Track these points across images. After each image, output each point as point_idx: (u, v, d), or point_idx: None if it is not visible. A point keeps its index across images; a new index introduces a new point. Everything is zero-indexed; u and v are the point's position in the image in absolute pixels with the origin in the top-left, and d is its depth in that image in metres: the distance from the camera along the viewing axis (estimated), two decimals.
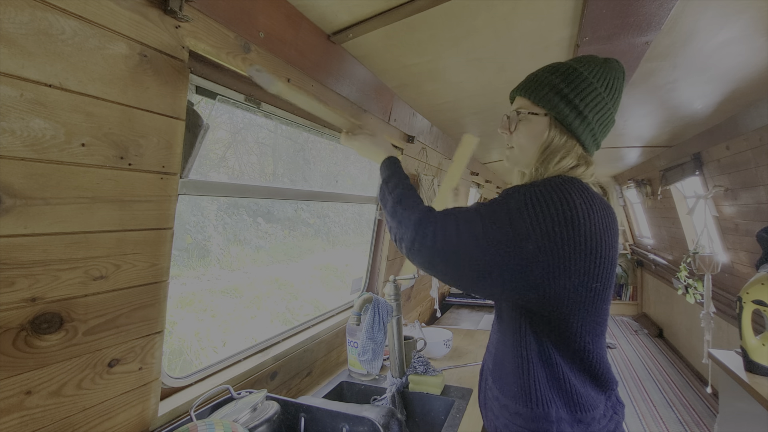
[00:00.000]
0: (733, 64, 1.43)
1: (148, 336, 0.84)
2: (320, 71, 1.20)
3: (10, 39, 0.55)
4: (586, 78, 0.76)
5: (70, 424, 0.72)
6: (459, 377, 1.62)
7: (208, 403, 1.04)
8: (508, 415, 0.79)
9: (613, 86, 0.78)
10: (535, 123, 0.80)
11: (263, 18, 0.95)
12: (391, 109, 1.70)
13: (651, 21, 1.06)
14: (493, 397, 0.84)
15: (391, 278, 1.61)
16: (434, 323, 2.81)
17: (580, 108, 0.76)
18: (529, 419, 0.74)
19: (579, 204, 0.66)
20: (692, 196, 3.16)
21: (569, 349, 0.74)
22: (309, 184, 5.49)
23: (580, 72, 0.77)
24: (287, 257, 5.31)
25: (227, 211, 4.66)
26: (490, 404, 0.86)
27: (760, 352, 1.66)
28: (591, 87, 0.76)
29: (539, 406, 0.73)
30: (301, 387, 1.49)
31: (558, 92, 0.77)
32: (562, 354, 0.74)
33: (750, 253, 2.56)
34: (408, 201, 0.82)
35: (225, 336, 3.86)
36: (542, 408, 0.73)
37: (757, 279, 1.69)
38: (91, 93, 0.65)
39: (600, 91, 0.76)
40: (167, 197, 0.82)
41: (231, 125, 4.93)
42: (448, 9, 1.03)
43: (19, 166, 0.58)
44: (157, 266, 0.83)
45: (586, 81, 0.76)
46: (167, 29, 0.75)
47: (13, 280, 0.60)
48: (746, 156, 2.25)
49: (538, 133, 0.80)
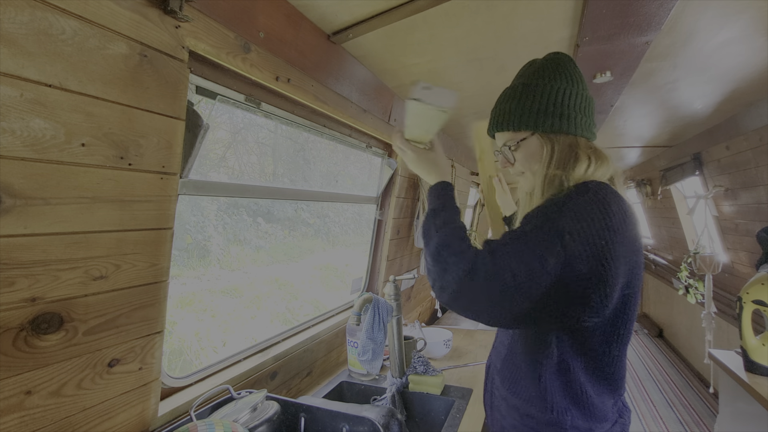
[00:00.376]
0: (733, 64, 1.43)
1: (148, 336, 0.84)
2: (320, 71, 1.20)
3: (10, 39, 0.55)
4: (538, 84, 0.78)
5: (70, 424, 0.72)
6: (459, 377, 1.62)
7: (208, 403, 1.04)
8: (518, 417, 0.78)
9: (566, 74, 0.79)
10: (528, 145, 0.80)
11: (263, 18, 0.95)
12: (391, 109, 1.70)
13: (651, 21, 1.06)
14: (501, 397, 0.84)
15: (391, 278, 1.61)
16: (434, 323, 2.81)
17: (556, 111, 0.77)
18: (543, 423, 0.74)
19: (618, 214, 0.65)
20: (692, 196, 3.17)
21: (594, 357, 0.72)
22: (309, 184, 5.49)
23: (531, 84, 0.79)
24: (287, 257, 5.31)
25: (227, 211, 4.66)
26: (497, 404, 0.85)
27: (760, 352, 1.66)
28: (549, 88, 0.77)
29: (553, 413, 0.73)
30: (301, 387, 1.49)
31: (528, 111, 0.78)
32: (584, 363, 0.73)
33: (750, 253, 2.56)
34: (456, 245, 0.70)
35: (225, 336, 3.86)
36: (556, 414, 0.73)
37: (757, 279, 1.69)
38: (91, 93, 0.65)
39: (559, 85, 0.78)
40: (167, 197, 0.82)
41: (231, 125, 4.93)
42: (448, 9, 1.03)
43: (19, 166, 0.58)
44: (157, 266, 0.83)
45: (541, 86, 0.78)
46: (167, 29, 0.75)
47: (13, 280, 0.60)
48: (746, 156, 2.25)
49: (537, 151, 0.80)
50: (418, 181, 2.22)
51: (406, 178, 2.09)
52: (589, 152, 0.76)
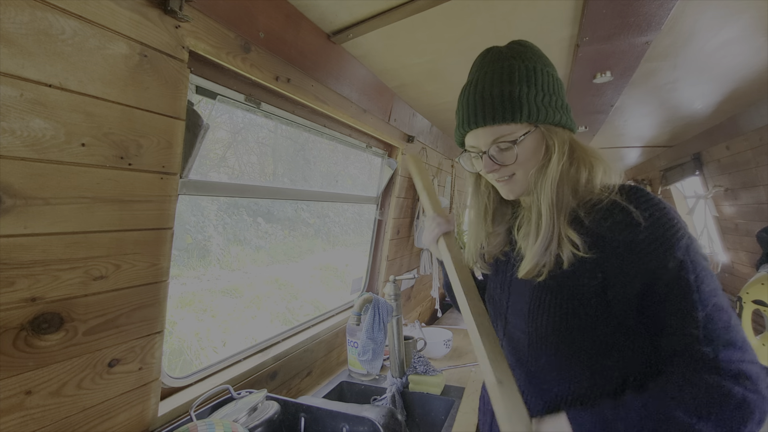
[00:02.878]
0: (733, 64, 1.43)
1: (148, 336, 0.84)
2: (320, 71, 1.20)
3: (10, 39, 0.55)
4: (536, 68, 0.68)
5: (70, 424, 0.72)
6: (459, 377, 1.62)
7: (208, 403, 1.04)
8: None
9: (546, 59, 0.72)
10: (529, 141, 0.68)
11: (263, 18, 0.95)
12: (391, 109, 1.69)
13: (651, 21, 1.06)
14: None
15: (391, 278, 1.61)
16: (434, 323, 2.80)
17: (559, 102, 0.69)
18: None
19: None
20: (692, 196, 3.17)
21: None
22: (309, 184, 5.49)
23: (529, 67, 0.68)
24: (287, 257, 5.31)
25: (227, 211, 4.66)
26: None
27: (760, 352, 1.66)
28: (548, 73, 0.69)
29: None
30: (301, 387, 1.49)
31: (533, 99, 0.66)
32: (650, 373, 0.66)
33: (750, 253, 2.56)
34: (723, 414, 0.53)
35: (225, 336, 3.86)
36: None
37: (757, 279, 1.69)
38: (91, 93, 0.65)
39: (554, 72, 0.71)
40: (167, 197, 0.82)
41: (231, 125, 4.94)
42: (448, 9, 1.03)
43: (19, 166, 0.58)
44: (157, 266, 0.83)
45: (540, 70, 0.68)
46: (167, 29, 0.75)
47: (13, 280, 0.60)
48: (746, 156, 2.25)
49: (537, 149, 0.69)
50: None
51: (406, 178, 2.09)
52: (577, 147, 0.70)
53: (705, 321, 0.55)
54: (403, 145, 1.95)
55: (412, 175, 1.01)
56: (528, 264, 0.68)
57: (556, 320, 0.66)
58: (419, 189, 0.96)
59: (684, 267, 0.57)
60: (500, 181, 0.72)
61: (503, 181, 0.72)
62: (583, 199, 0.66)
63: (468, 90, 0.71)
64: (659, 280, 0.58)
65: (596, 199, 0.65)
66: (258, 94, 1.10)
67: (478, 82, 0.70)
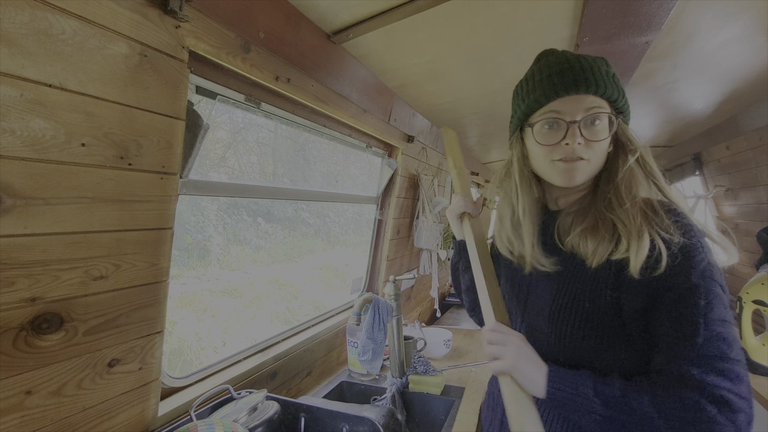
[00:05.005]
0: (733, 64, 1.42)
1: (148, 336, 0.84)
2: (320, 71, 1.20)
3: (10, 39, 0.55)
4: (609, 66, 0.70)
5: (70, 424, 0.72)
6: (459, 377, 1.62)
7: (208, 403, 1.03)
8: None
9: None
10: (615, 129, 0.68)
11: (263, 18, 0.95)
12: (391, 109, 1.69)
13: (651, 21, 1.06)
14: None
15: (391, 278, 1.61)
16: (434, 323, 2.80)
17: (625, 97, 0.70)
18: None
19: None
20: (692, 196, 3.16)
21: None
22: (309, 184, 5.50)
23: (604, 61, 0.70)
24: (287, 257, 5.31)
25: (227, 211, 4.66)
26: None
27: (760, 352, 1.66)
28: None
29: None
30: (301, 387, 1.49)
31: (622, 89, 0.69)
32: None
33: (750, 253, 2.56)
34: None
35: (225, 336, 3.86)
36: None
37: (757, 279, 1.69)
38: (91, 93, 0.65)
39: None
40: (167, 197, 0.82)
41: (231, 125, 4.94)
42: (448, 9, 1.03)
43: (19, 166, 0.58)
44: (157, 266, 0.83)
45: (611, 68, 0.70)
46: (167, 29, 0.75)
47: (13, 280, 0.60)
48: (746, 156, 2.25)
49: (609, 142, 0.70)
50: (418, 181, 2.22)
51: (406, 178, 2.09)
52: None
53: (702, 346, 0.56)
54: (403, 145, 1.95)
55: (445, 150, 1.01)
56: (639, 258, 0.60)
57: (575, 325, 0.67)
58: (450, 166, 0.97)
59: (696, 292, 0.57)
60: (568, 161, 0.66)
61: (572, 161, 0.66)
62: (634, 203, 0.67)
63: (549, 60, 0.71)
64: (670, 299, 0.59)
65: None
66: (258, 94, 1.10)
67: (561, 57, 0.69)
